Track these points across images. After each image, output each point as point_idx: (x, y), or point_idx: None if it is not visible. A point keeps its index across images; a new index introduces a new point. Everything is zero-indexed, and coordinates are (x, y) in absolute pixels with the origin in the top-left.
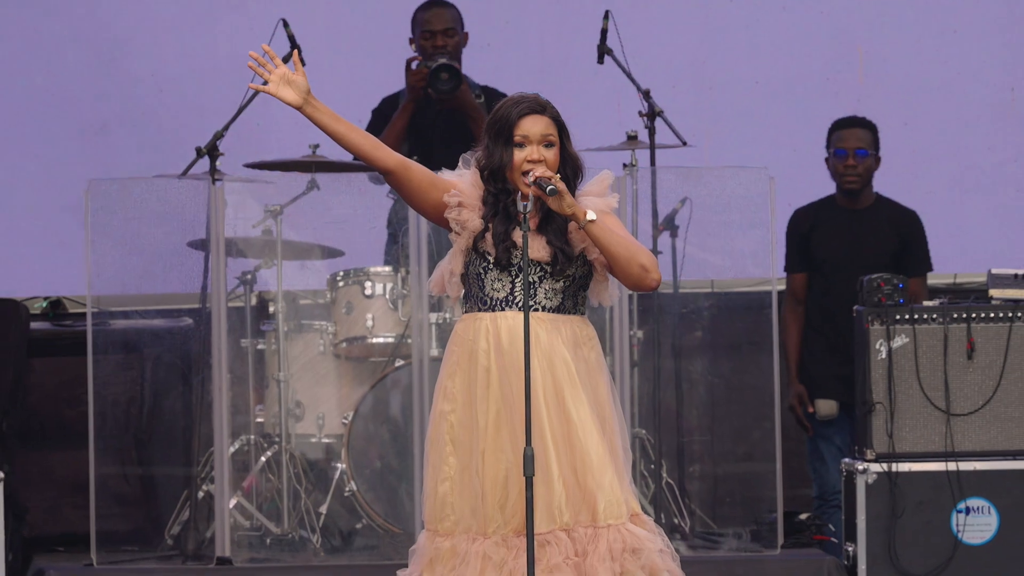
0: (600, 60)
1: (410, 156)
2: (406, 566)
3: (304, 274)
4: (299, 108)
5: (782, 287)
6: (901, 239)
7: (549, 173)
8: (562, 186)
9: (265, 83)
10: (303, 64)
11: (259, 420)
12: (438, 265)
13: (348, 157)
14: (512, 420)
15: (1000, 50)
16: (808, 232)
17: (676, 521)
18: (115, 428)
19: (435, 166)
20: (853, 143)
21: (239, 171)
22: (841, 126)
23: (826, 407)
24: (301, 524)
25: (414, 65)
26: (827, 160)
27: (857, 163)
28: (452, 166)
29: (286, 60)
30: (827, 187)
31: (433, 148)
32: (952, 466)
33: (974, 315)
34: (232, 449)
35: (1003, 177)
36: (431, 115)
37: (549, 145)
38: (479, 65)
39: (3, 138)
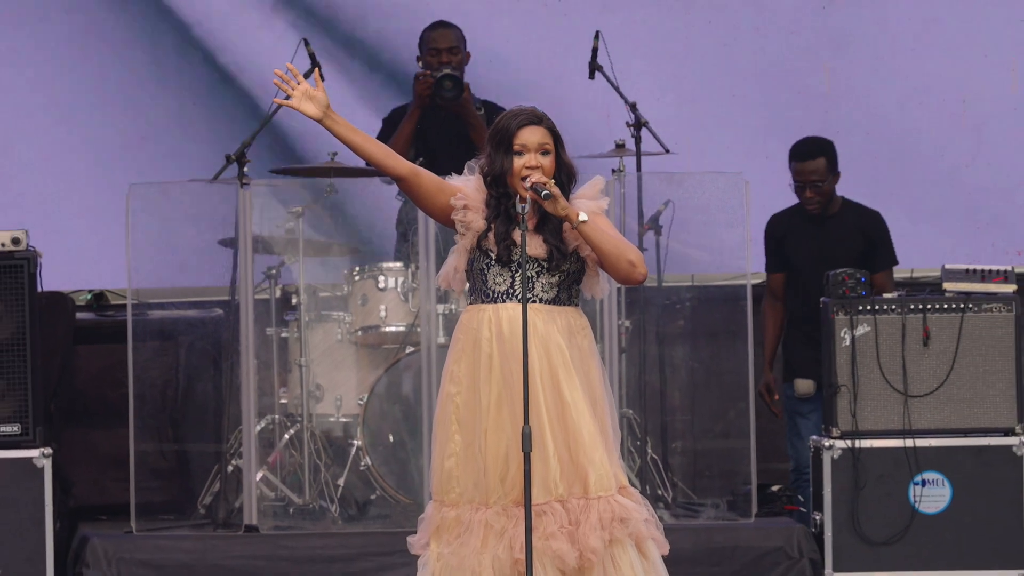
0: (591, 76)
1: (415, 160)
2: (415, 533)
3: (323, 269)
4: (319, 120)
5: (756, 281)
6: (867, 239)
7: (545, 179)
8: (556, 190)
9: (288, 98)
10: (323, 80)
11: (283, 401)
12: (445, 262)
13: (363, 164)
14: (512, 401)
15: (952, 66)
16: (782, 238)
17: (660, 492)
18: (153, 408)
19: (438, 170)
20: (808, 177)
21: (265, 176)
22: (796, 157)
23: (804, 385)
24: (321, 495)
25: (421, 77)
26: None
27: (814, 194)
28: (454, 170)
29: (307, 76)
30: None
31: (437, 153)
32: (910, 443)
33: (929, 306)
34: (258, 427)
35: (955, 181)
36: (436, 123)
37: (545, 153)
38: (481, 80)
39: (53, 146)
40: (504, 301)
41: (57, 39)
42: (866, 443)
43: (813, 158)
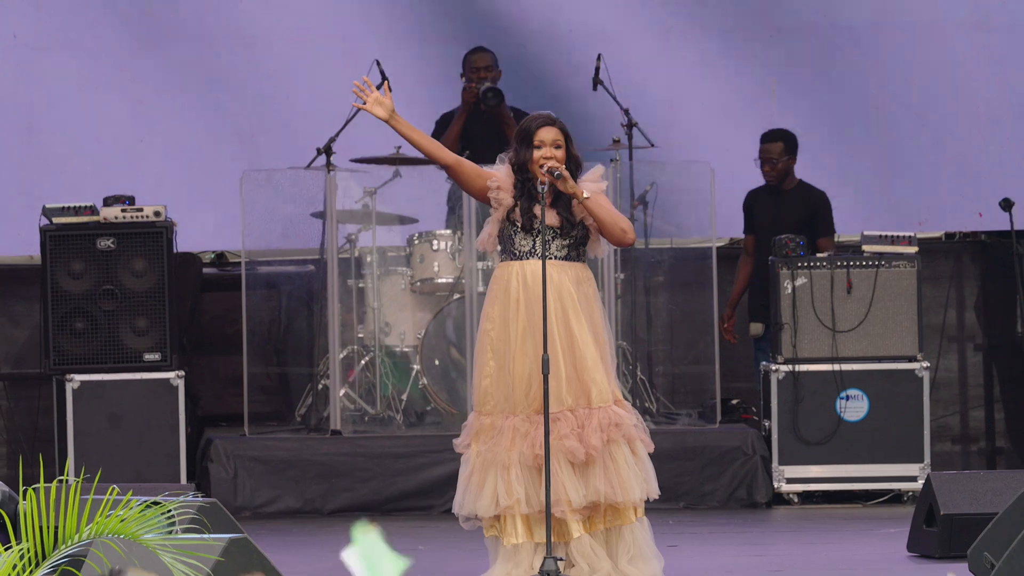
0: (595, 88)
1: (462, 153)
2: (460, 436)
3: (391, 235)
4: (386, 121)
5: (719, 244)
6: (811, 211)
7: (558, 164)
8: (566, 173)
9: (364, 103)
10: (390, 91)
11: (360, 335)
12: (482, 230)
13: (420, 154)
14: (534, 334)
15: (860, 89)
16: (751, 207)
17: (647, 405)
18: (261, 340)
19: (480, 160)
20: (767, 155)
21: (346, 164)
22: (762, 140)
23: (755, 328)
24: (389, 407)
25: (468, 88)
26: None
27: (771, 168)
28: (492, 160)
29: (379, 87)
30: (749, 176)
31: (478, 147)
32: (836, 367)
33: (852, 263)
34: (341, 355)
35: (869, 172)
36: (478, 124)
37: (558, 147)
38: (510, 92)
39: (185, 142)
40: (527, 258)
41: (188, 64)
42: (803, 367)
43: (773, 141)
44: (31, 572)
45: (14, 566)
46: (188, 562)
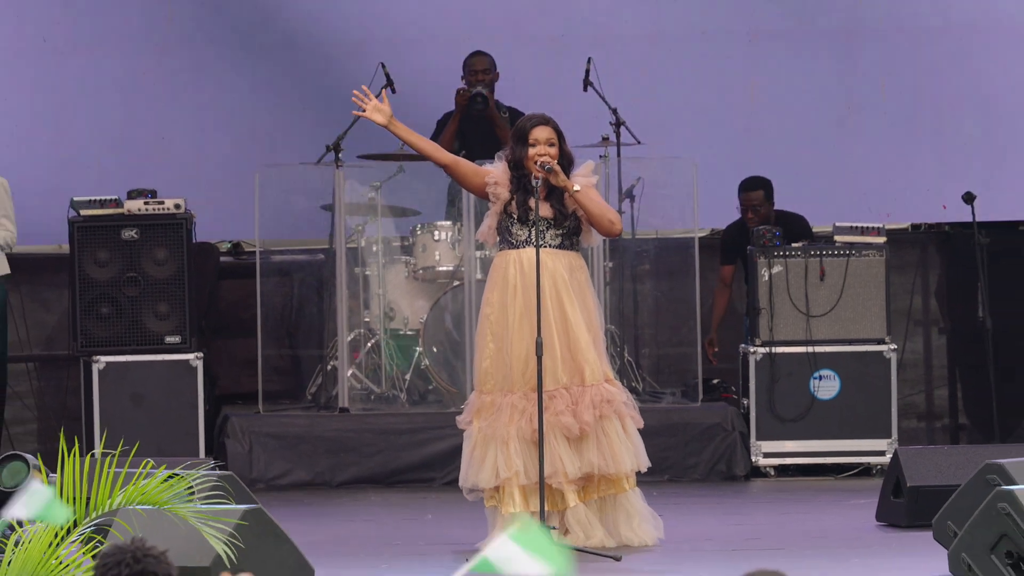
0: (585, 89)
1: (458, 152)
2: (462, 413)
3: (395, 226)
4: (385, 127)
5: (702, 234)
6: (796, 239)
7: (550, 160)
8: (557, 167)
9: (363, 111)
10: (394, 92)
11: (366, 320)
12: (482, 223)
13: None
14: (530, 318)
15: (834, 87)
16: (735, 242)
17: (634, 384)
18: (274, 324)
19: (474, 158)
20: (750, 203)
21: (354, 160)
22: (742, 189)
23: None
24: (393, 386)
25: (460, 92)
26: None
27: (755, 216)
28: (485, 159)
29: (379, 93)
30: (730, 171)
31: (473, 146)
32: (810, 349)
33: (825, 252)
34: (349, 338)
35: (841, 166)
36: (473, 125)
37: (552, 145)
38: (507, 92)
39: (203, 138)
40: (524, 247)
41: (201, 64)
42: (779, 349)
43: (754, 190)
44: (64, 539)
45: (50, 543)
46: (212, 525)
